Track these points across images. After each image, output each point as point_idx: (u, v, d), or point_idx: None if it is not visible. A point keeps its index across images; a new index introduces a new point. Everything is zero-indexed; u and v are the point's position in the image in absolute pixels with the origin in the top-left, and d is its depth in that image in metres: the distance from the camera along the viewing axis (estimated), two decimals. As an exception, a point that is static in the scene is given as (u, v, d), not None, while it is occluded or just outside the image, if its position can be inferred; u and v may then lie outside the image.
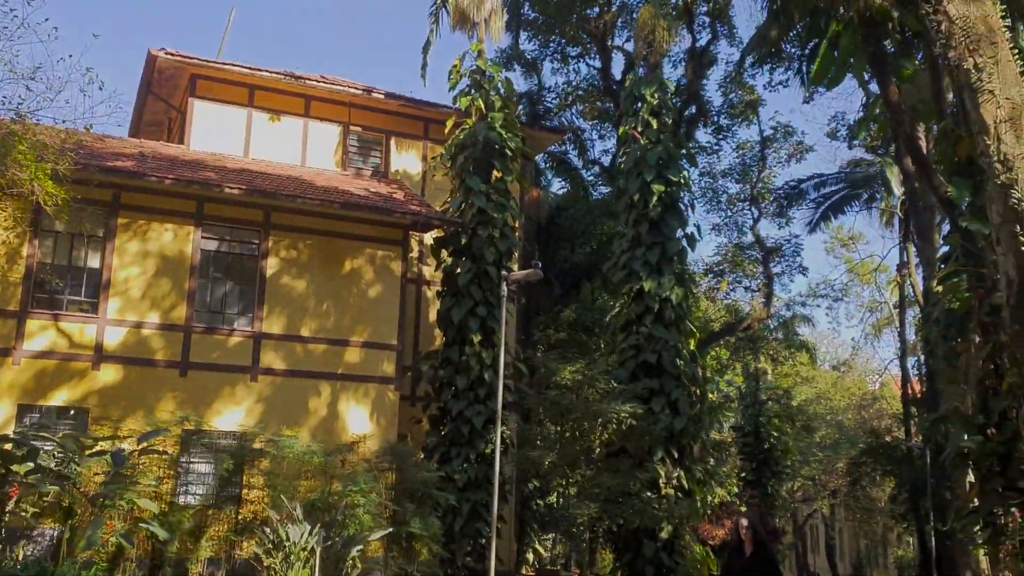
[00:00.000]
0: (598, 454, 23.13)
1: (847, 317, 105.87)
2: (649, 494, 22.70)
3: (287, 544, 16.38)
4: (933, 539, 33.07)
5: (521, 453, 22.20)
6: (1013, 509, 16.37)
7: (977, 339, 16.08)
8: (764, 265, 37.23)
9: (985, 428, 17.19)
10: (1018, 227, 7.83)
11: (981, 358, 16.28)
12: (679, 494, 23.76)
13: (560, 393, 21.94)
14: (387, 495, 20.47)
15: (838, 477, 57.81)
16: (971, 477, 19.33)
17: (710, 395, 48.29)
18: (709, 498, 46.48)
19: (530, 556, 39.13)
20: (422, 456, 23.93)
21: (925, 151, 18.61)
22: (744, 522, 11.01)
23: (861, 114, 34.69)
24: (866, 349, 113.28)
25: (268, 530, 16.94)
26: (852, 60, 18.17)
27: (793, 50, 29.65)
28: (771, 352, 47.87)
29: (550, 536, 47.60)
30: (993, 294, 15.53)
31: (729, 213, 39.06)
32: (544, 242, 39.69)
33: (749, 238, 39.14)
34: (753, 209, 38.15)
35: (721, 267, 40.32)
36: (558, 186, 40.94)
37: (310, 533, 16.52)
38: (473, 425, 23.43)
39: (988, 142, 8.07)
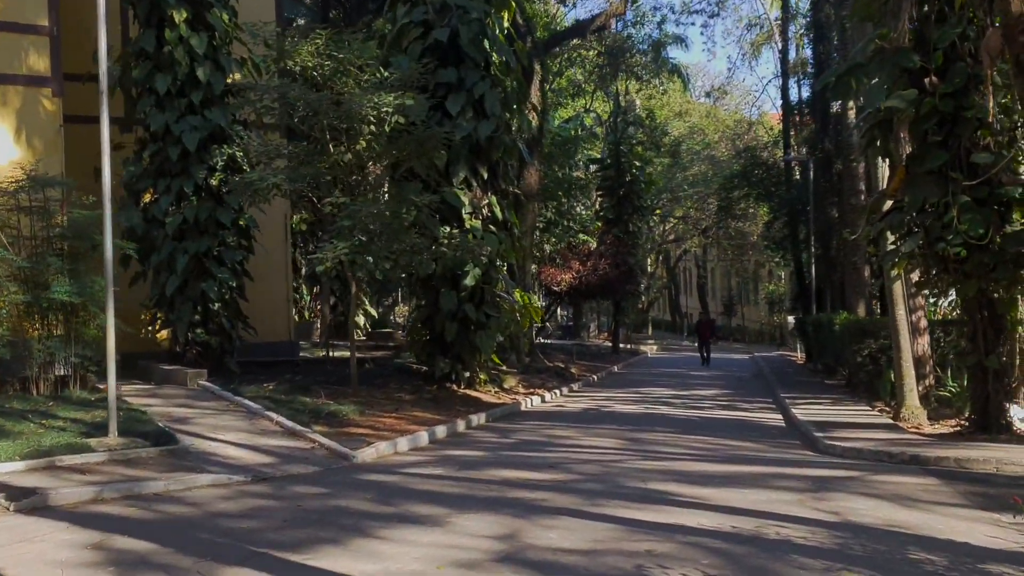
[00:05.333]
0: (375, 176, 16.24)
1: (724, 36, 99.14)
2: (449, 228, 16.15)
3: None
4: (813, 267, 28.33)
5: (237, 179, 14.96)
6: (966, 197, 10.29)
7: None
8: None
9: (922, 77, 10.83)
10: None
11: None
12: (492, 227, 17.28)
13: (286, 83, 14.58)
14: (29, 248, 13.37)
15: (710, 215, 53.76)
16: (886, 169, 13.26)
17: (571, 131, 41.94)
18: (572, 240, 41.43)
19: (361, 320, 33.14)
20: (124, 195, 16.70)
21: None
22: None
23: None
24: (743, 71, 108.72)
25: None
26: None
27: None
28: (636, 70, 40.87)
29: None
30: None
31: None
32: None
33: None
34: None
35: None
36: None
37: None
38: (184, 146, 16.01)
39: None
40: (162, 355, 17.17)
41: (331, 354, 21.41)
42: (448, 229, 16.16)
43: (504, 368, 20.69)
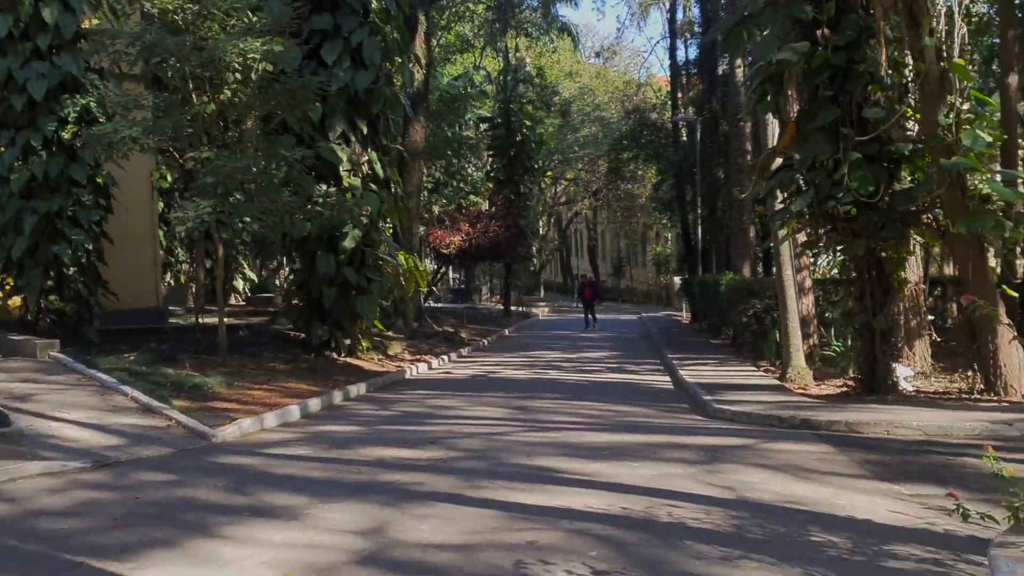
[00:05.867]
0: (247, 130, 15.08)
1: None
2: (325, 186, 15.19)
3: None
4: (700, 229, 28.40)
5: (92, 131, 13.63)
6: (857, 154, 10.04)
7: None
8: None
9: (814, 29, 10.50)
10: None
11: None
12: (372, 185, 16.38)
13: (143, 26, 13.30)
14: None
15: (600, 177, 53.83)
16: (775, 127, 13.00)
17: (460, 88, 40.87)
18: (462, 202, 40.58)
19: (240, 284, 31.66)
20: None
21: None
22: None
23: None
24: (632, 32, 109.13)
25: None
26: None
27: None
28: (526, 26, 40.09)
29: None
30: None
31: None
32: None
33: None
34: None
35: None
36: None
37: None
38: (31, 95, 14.52)
39: None
40: (13, 324, 15.73)
41: (203, 320, 20.16)
42: (324, 187, 15.22)
43: (390, 334, 19.91)
